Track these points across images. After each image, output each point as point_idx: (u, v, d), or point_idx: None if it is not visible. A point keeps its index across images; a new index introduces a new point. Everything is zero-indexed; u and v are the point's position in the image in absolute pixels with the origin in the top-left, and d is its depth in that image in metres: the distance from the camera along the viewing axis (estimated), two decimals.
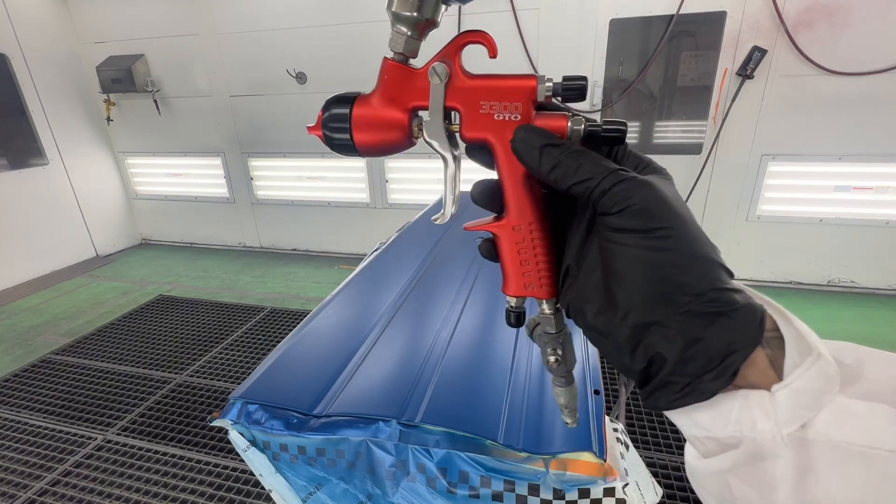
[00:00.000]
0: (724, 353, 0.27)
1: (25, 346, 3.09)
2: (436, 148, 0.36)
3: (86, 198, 4.59)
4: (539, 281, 0.37)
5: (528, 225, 0.36)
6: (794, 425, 0.25)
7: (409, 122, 0.37)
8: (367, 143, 0.37)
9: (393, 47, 0.36)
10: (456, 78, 0.35)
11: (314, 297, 3.63)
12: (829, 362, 0.26)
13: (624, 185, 0.29)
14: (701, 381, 0.27)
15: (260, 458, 1.06)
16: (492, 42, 0.35)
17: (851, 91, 2.96)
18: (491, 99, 0.34)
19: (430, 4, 0.34)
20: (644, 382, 0.30)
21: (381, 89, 0.37)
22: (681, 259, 0.28)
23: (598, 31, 3.25)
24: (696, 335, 0.27)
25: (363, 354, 1.25)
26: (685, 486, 1.78)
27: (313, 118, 0.41)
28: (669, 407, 0.29)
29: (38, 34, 4.09)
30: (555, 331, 0.39)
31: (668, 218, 0.29)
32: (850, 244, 3.33)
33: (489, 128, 0.35)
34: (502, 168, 0.36)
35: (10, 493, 1.91)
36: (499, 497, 0.93)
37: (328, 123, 0.38)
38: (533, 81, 0.34)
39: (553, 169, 0.32)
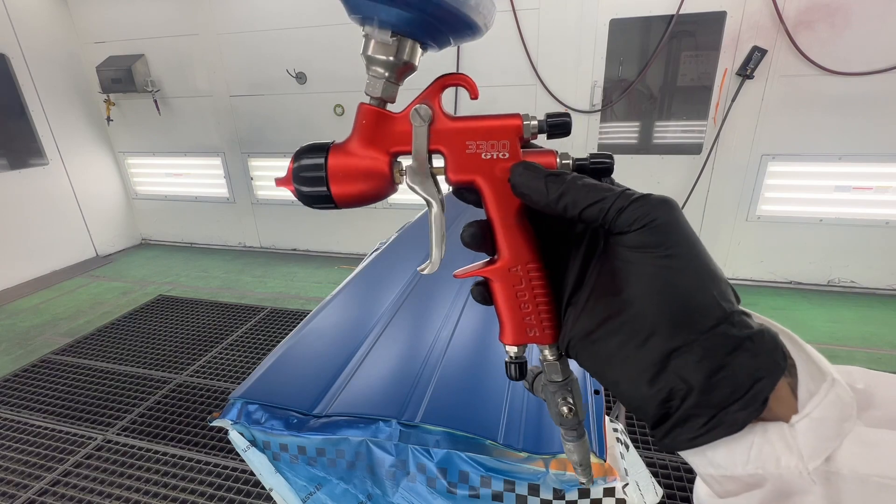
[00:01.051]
0: (751, 380, 0.25)
1: (25, 346, 3.09)
2: (420, 192, 0.35)
3: (86, 198, 4.59)
4: (541, 325, 0.35)
5: (525, 265, 0.35)
6: (818, 459, 0.24)
7: (391, 169, 0.35)
8: (346, 194, 0.35)
9: (370, 92, 0.34)
10: (438, 120, 0.34)
11: (314, 297, 3.63)
12: (844, 388, 0.25)
13: (642, 201, 0.28)
14: (727, 413, 0.25)
15: (260, 458, 1.06)
16: (472, 84, 0.34)
17: (851, 91, 2.96)
18: (477, 139, 0.33)
19: (407, 48, 0.33)
20: (661, 419, 0.28)
21: (358, 136, 0.35)
22: (701, 279, 0.27)
23: (598, 31, 3.25)
24: (720, 362, 0.26)
25: (363, 354, 1.25)
26: (685, 486, 1.78)
27: (313, 118, 0.40)
28: (692, 445, 0.27)
29: (38, 34, 4.09)
30: (562, 378, 0.37)
31: (686, 236, 0.28)
32: (850, 244, 3.33)
33: (477, 168, 0.34)
34: (492, 208, 0.34)
35: (10, 493, 1.91)
36: (499, 497, 0.93)
37: (301, 175, 0.35)
38: (518, 120, 0.33)
39: (561, 196, 0.31)
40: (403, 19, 0.31)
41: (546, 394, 0.38)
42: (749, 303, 3.33)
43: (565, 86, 3.45)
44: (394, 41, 0.32)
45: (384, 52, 0.33)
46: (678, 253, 0.27)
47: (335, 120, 3.99)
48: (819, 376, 0.26)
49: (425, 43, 0.34)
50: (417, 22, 0.31)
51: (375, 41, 0.33)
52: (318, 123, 4.07)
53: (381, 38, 0.33)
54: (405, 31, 0.33)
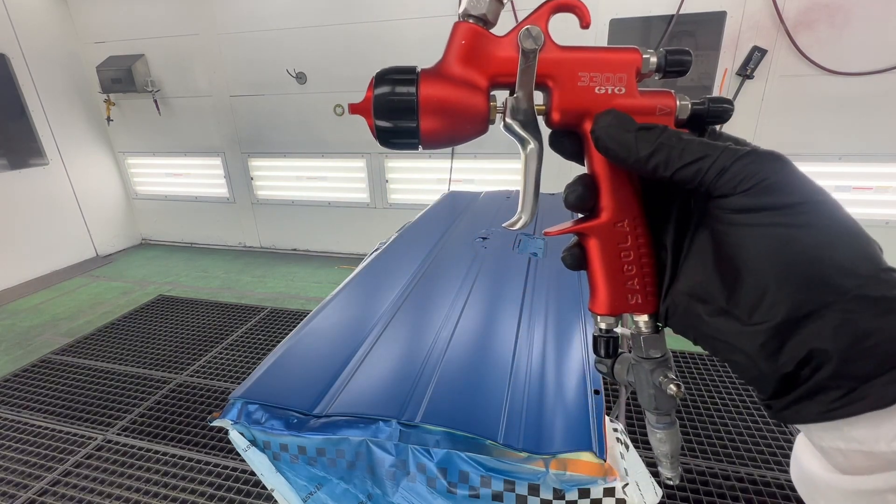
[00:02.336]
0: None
1: (25, 346, 3.09)
2: (518, 130, 0.31)
3: (86, 198, 4.59)
4: (644, 290, 0.31)
5: (633, 220, 0.31)
6: None
7: (488, 101, 0.31)
8: (437, 130, 0.30)
9: (472, 10, 0.30)
10: (547, 48, 0.30)
11: (314, 297, 3.63)
12: None
13: (748, 159, 0.25)
14: (872, 386, 0.22)
15: (260, 458, 1.06)
16: (585, 10, 0.31)
17: (851, 91, 2.96)
18: (592, 70, 0.30)
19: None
20: (784, 390, 0.25)
21: (454, 58, 0.30)
22: (834, 236, 0.24)
23: (598, 31, 3.25)
24: (866, 327, 0.22)
25: (363, 354, 1.25)
26: (685, 486, 1.78)
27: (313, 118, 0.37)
28: (826, 418, 0.24)
29: (38, 34, 4.09)
30: (661, 354, 0.32)
31: (809, 190, 0.25)
32: None
33: (590, 102, 0.30)
34: (598, 156, 0.30)
35: (10, 493, 1.91)
36: (499, 497, 0.93)
37: (386, 106, 0.30)
38: (637, 54, 0.30)
39: (653, 154, 0.27)
40: None
41: (640, 374, 0.33)
42: None
43: None
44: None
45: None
46: (801, 210, 0.24)
47: (335, 120, 4.00)
48: None
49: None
50: None
51: None
52: (318, 123, 4.07)
53: None
54: None
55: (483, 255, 1.81)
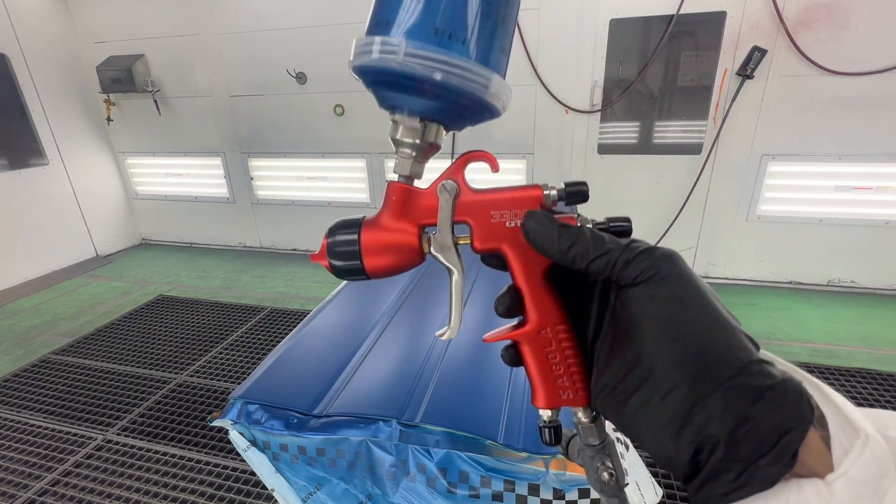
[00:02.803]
0: (777, 432, 0.25)
1: (25, 346, 3.09)
2: (442, 261, 0.36)
3: (86, 198, 4.59)
4: (573, 386, 0.35)
5: (554, 327, 0.35)
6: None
7: (420, 240, 0.37)
8: (379, 266, 0.37)
9: (399, 171, 0.37)
10: (463, 193, 0.36)
11: (314, 297, 3.63)
12: (879, 443, 0.24)
13: (646, 254, 0.29)
14: (757, 467, 0.25)
15: (260, 458, 1.06)
16: (493, 160, 0.36)
17: (851, 91, 2.96)
18: (501, 209, 0.35)
19: (433, 131, 0.36)
20: (692, 474, 0.27)
21: (388, 211, 0.37)
22: (714, 329, 0.27)
23: (598, 31, 3.25)
24: (744, 413, 0.25)
25: (363, 354, 1.25)
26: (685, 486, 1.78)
27: (313, 118, 0.41)
28: (726, 500, 0.26)
29: (38, 34, 4.09)
30: (598, 441, 0.36)
31: (694, 287, 0.28)
32: (850, 244, 3.33)
33: (502, 234, 0.35)
34: (518, 272, 0.35)
35: (10, 493, 1.91)
36: (499, 497, 0.93)
37: (335, 251, 0.37)
38: (538, 191, 0.35)
39: (571, 247, 0.31)
40: (431, 108, 0.34)
41: (583, 459, 0.37)
42: (749, 303, 3.34)
43: (565, 86, 3.45)
44: (421, 126, 0.35)
45: (412, 136, 0.36)
46: (686, 304, 0.27)
47: (335, 120, 4.00)
48: (852, 431, 0.25)
49: (448, 125, 0.37)
50: (443, 110, 0.34)
51: (404, 126, 0.36)
52: (318, 123, 4.07)
53: (410, 124, 0.35)
54: (431, 118, 0.35)
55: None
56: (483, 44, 0.32)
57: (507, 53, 0.35)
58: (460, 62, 0.31)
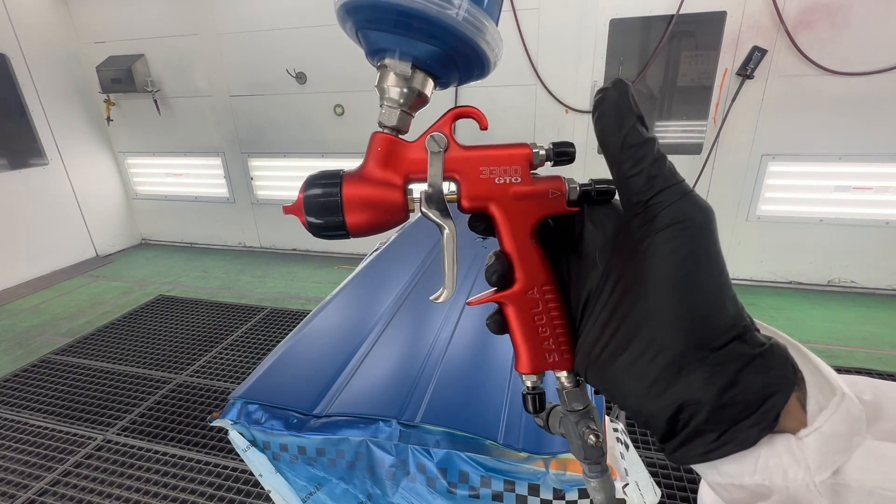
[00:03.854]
0: (762, 396, 0.25)
1: (25, 346, 3.09)
2: (434, 218, 0.35)
3: (86, 198, 4.59)
4: (559, 349, 0.34)
5: (541, 287, 0.34)
6: (826, 472, 0.24)
7: (405, 195, 0.35)
8: (361, 223, 0.34)
9: (385, 121, 0.35)
10: (452, 148, 0.34)
11: (314, 297, 3.63)
12: (853, 402, 0.25)
13: (689, 199, 0.27)
14: (739, 429, 0.26)
15: (260, 458, 1.06)
16: (482, 116, 0.35)
17: (851, 91, 2.96)
18: (491, 165, 0.34)
19: (422, 80, 0.34)
20: (669, 434, 0.28)
21: (372, 162, 0.35)
22: (721, 295, 0.27)
23: (598, 31, 3.25)
24: (732, 378, 0.26)
25: (363, 354, 1.25)
26: (685, 486, 1.78)
27: (313, 118, 0.40)
28: (705, 459, 0.27)
29: (38, 34, 4.09)
30: (582, 406, 0.35)
31: (716, 247, 0.27)
32: (850, 244, 3.33)
33: (491, 192, 0.34)
34: (505, 231, 0.35)
35: (10, 493, 1.91)
36: (499, 497, 0.93)
37: (313, 205, 0.34)
38: (527, 149, 0.34)
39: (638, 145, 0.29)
40: (424, 51, 0.32)
41: (566, 426, 0.36)
42: (749, 303, 3.33)
43: (565, 86, 3.45)
44: (412, 73, 0.33)
45: (402, 84, 0.34)
46: (702, 265, 0.27)
47: (335, 120, 3.99)
48: (828, 390, 0.26)
49: (438, 77, 0.35)
50: (436, 55, 0.32)
51: (394, 73, 0.34)
52: (318, 123, 4.07)
53: (402, 69, 0.33)
54: (423, 64, 0.33)
55: (483, 256, 1.81)
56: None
57: (499, 3, 0.34)
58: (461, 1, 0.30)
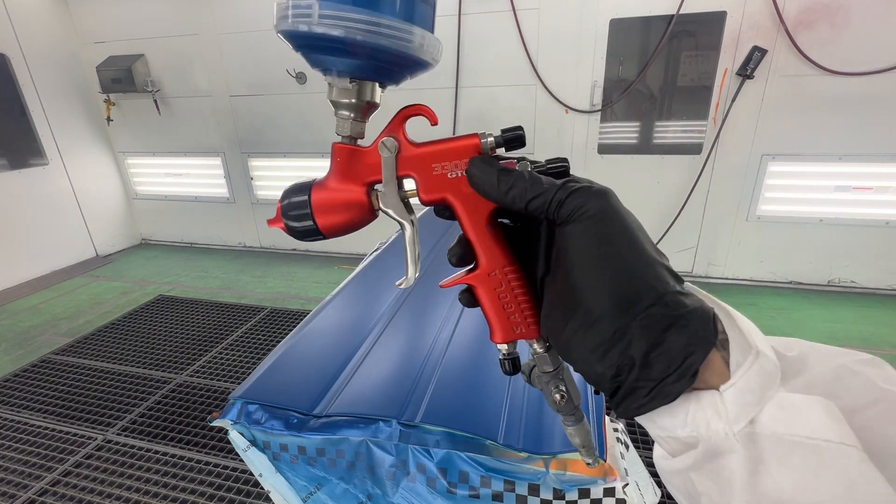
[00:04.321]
0: (683, 355, 0.28)
1: (25, 346, 3.09)
2: (393, 215, 0.38)
3: (86, 198, 4.59)
4: (525, 321, 0.38)
5: (502, 269, 0.37)
6: (742, 422, 0.27)
7: (368, 197, 0.38)
8: (331, 224, 0.38)
9: (340, 132, 0.37)
10: (404, 149, 0.37)
11: (314, 297, 3.63)
12: (768, 359, 0.28)
13: (577, 193, 0.31)
14: (664, 385, 0.29)
15: (260, 458, 1.06)
16: (431, 113, 0.37)
17: (851, 91, 2.96)
18: (442, 160, 0.36)
19: (367, 90, 0.36)
20: (615, 391, 0.31)
21: (334, 172, 0.38)
22: (634, 264, 0.30)
23: (598, 31, 3.25)
24: (656, 339, 0.29)
25: (363, 354, 1.25)
26: None
27: (313, 118, 0.41)
28: (638, 412, 0.30)
29: (38, 34, 4.09)
30: (552, 368, 0.39)
31: (619, 223, 0.31)
32: (850, 244, 3.33)
33: (445, 186, 0.36)
34: (464, 220, 0.37)
35: (10, 493, 1.91)
36: (499, 497, 0.93)
37: (289, 213, 0.38)
38: (475, 139, 0.36)
39: (510, 189, 0.33)
40: (357, 67, 0.34)
41: (540, 384, 0.41)
42: (749, 303, 3.34)
43: (565, 86, 3.45)
44: (353, 85, 0.35)
45: (346, 96, 0.36)
46: (611, 241, 0.30)
47: (335, 120, 3.99)
48: (747, 349, 0.28)
49: (382, 82, 0.37)
50: (370, 68, 0.34)
51: (337, 87, 0.36)
52: (317, 123, 4.07)
53: (341, 84, 0.35)
54: (361, 76, 0.35)
55: None
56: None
57: (431, 5, 0.35)
58: (377, 19, 0.31)
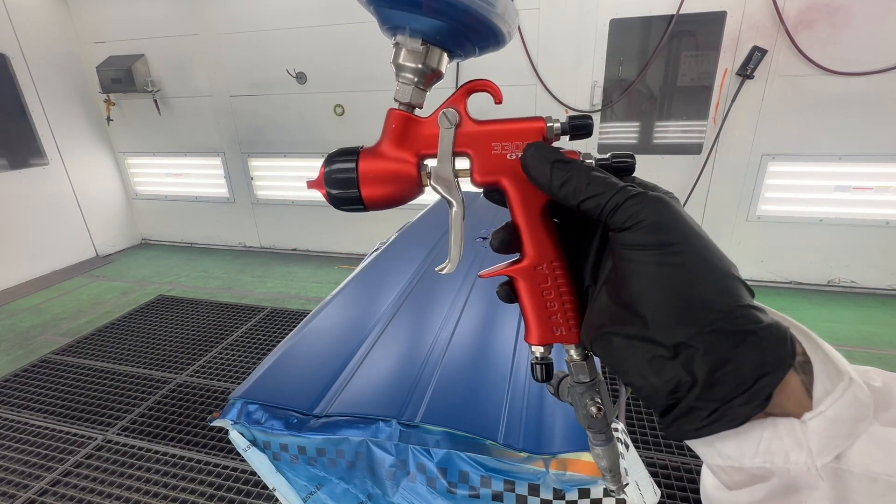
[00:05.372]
0: (755, 375, 0.25)
1: (25, 346, 3.09)
2: (443, 193, 0.36)
3: (86, 198, 4.59)
4: (567, 323, 0.35)
5: (550, 263, 0.35)
6: (828, 456, 0.24)
7: (419, 171, 0.36)
8: (376, 196, 0.36)
9: (400, 98, 0.36)
10: (465, 124, 0.35)
11: (314, 297, 3.63)
12: (861, 388, 0.25)
13: (635, 199, 0.29)
14: (730, 407, 0.26)
15: (260, 458, 1.06)
16: (497, 90, 0.36)
17: (851, 91, 2.96)
18: (503, 140, 0.34)
19: (435, 56, 0.34)
20: (667, 409, 0.28)
21: (388, 139, 0.36)
22: (700, 274, 0.27)
23: (598, 31, 3.25)
24: (724, 356, 0.26)
25: (363, 354, 1.25)
26: (685, 486, 1.78)
27: (313, 118, 0.40)
28: (696, 435, 0.27)
29: (38, 34, 4.09)
30: (589, 378, 0.36)
31: (682, 232, 0.28)
32: (850, 244, 3.33)
33: (502, 168, 0.35)
34: (517, 207, 0.35)
35: (10, 493, 1.91)
36: (499, 497, 0.93)
37: (333, 178, 0.36)
38: (542, 122, 0.34)
39: (564, 184, 0.31)
40: (433, 28, 0.32)
41: (573, 396, 0.37)
42: None
43: (565, 86, 3.45)
44: (423, 49, 0.34)
45: (414, 60, 0.34)
46: (674, 250, 0.28)
47: (335, 120, 3.99)
48: (836, 375, 0.26)
49: (452, 51, 0.35)
50: (446, 31, 0.33)
51: (406, 49, 0.34)
52: (318, 123, 4.07)
53: (412, 46, 0.34)
54: (434, 40, 0.34)
55: (483, 255, 1.81)
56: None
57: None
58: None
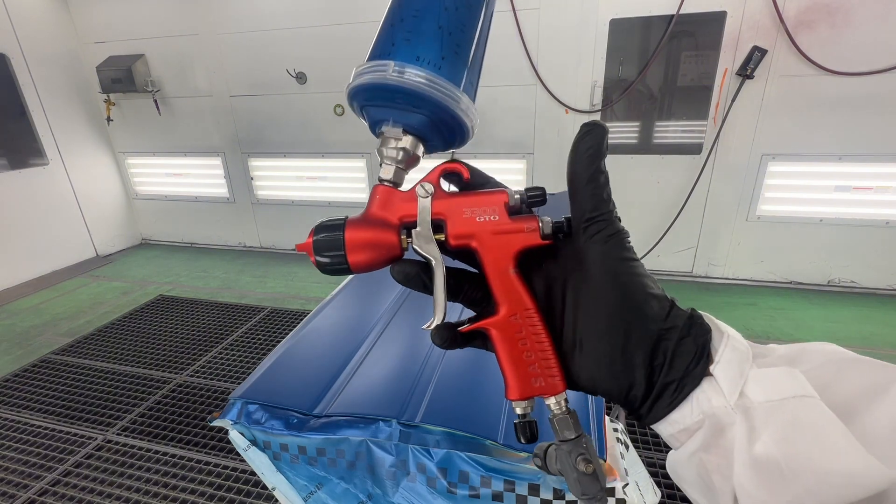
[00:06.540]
0: (700, 343, 0.33)
1: (25, 346, 3.09)
2: (424, 253, 0.39)
3: (86, 198, 4.59)
4: (546, 372, 0.36)
5: (525, 311, 0.37)
6: (735, 394, 0.31)
7: (398, 237, 0.40)
8: (361, 262, 0.40)
9: (384, 176, 0.41)
10: (439, 195, 0.40)
11: (314, 297, 3.63)
12: (738, 338, 0.34)
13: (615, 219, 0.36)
14: (690, 372, 0.33)
15: (260, 458, 1.06)
16: (464, 169, 0.41)
17: (851, 91, 2.96)
18: (472, 207, 0.39)
19: (411, 142, 0.40)
20: (643, 399, 0.34)
21: (372, 210, 0.40)
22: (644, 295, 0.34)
23: (598, 31, 3.25)
24: (671, 350, 0.33)
25: (363, 354, 1.25)
26: None
27: (313, 118, 0.42)
28: (673, 406, 0.33)
29: (38, 34, 4.09)
30: (575, 434, 0.36)
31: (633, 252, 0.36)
32: (850, 244, 3.33)
33: (473, 228, 0.39)
34: (488, 262, 0.38)
35: (10, 493, 1.91)
36: (499, 497, 0.93)
37: (322, 250, 0.40)
38: (504, 195, 0.39)
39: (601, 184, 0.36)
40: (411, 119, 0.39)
41: (561, 459, 0.37)
42: (749, 303, 3.34)
43: (565, 86, 3.45)
44: (404, 136, 0.40)
45: (397, 145, 0.40)
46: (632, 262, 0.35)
47: (335, 120, 3.99)
48: (720, 334, 0.34)
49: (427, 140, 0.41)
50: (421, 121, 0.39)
51: (390, 137, 0.40)
52: (318, 123, 4.07)
53: (395, 133, 0.40)
54: (412, 130, 0.40)
55: None
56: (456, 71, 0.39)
57: (474, 86, 0.41)
58: (436, 78, 0.38)
